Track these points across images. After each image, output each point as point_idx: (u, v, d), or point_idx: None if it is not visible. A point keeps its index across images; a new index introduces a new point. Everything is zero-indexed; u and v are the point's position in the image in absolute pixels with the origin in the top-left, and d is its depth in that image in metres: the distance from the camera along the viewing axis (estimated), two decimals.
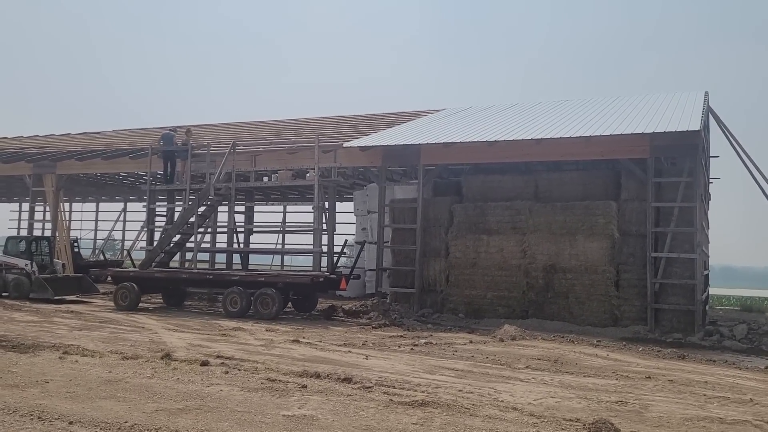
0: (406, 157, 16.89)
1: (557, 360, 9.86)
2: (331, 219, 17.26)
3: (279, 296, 14.70)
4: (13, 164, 23.18)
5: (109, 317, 14.39)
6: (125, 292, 16.24)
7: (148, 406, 6.44)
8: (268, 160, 18.73)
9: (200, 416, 6.13)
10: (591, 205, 14.50)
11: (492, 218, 15.51)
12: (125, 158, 21.13)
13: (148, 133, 26.78)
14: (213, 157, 17.88)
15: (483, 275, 15.25)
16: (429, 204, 16.51)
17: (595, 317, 13.97)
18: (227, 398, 6.86)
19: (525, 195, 15.59)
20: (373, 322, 14.11)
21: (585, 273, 14.24)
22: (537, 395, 7.39)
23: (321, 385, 7.61)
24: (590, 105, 19.61)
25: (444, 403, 6.80)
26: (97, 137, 28.93)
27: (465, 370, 8.92)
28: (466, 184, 16.55)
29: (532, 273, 14.75)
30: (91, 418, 5.96)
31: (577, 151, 14.80)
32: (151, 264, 17.41)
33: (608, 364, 9.81)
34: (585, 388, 7.92)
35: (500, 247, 15.18)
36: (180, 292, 17.43)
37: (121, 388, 7.20)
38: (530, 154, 15.21)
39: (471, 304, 15.29)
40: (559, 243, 14.57)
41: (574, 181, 15.38)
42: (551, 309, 14.45)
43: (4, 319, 13.44)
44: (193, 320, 14.15)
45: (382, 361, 9.43)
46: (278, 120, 27.68)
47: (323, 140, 17.76)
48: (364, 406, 6.65)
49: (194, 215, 17.22)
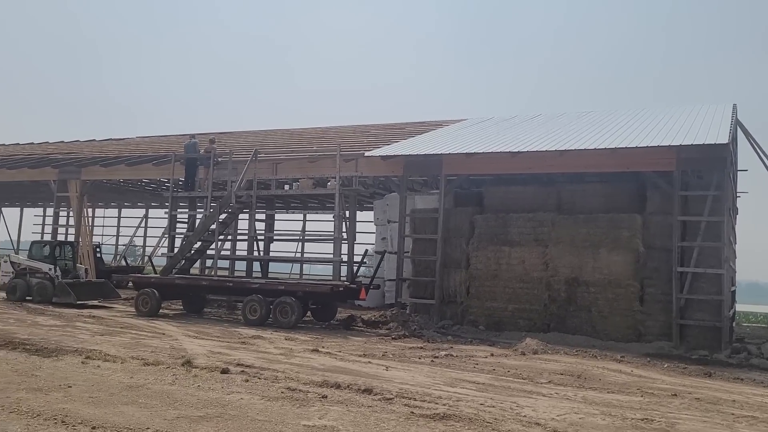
0: (428, 166, 16.84)
1: (580, 375, 9.70)
2: (352, 228, 17.22)
3: (298, 305, 14.67)
4: (39, 170, 23.54)
5: (131, 323, 14.49)
6: (146, 298, 16.34)
7: (169, 413, 6.44)
8: (290, 169, 18.79)
9: (221, 424, 6.11)
10: (615, 218, 14.30)
11: (514, 230, 15.36)
12: (148, 165, 21.35)
13: (170, 141, 27.07)
14: (235, 164, 17.99)
15: (504, 287, 15.10)
16: (450, 214, 16.42)
17: (618, 332, 13.74)
18: (248, 407, 6.83)
19: (547, 206, 15.44)
20: (393, 333, 14.02)
21: (608, 287, 14.03)
22: (560, 411, 7.26)
23: (341, 395, 7.56)
24: (615, 116, 19.41)
25: (466, 417, 6.71)
26: (121, 143, 29.31)
27: (486, 383, 8.81)
28: (488, 195, 16.43)
29: (554, 286, 14.57)
30: (114, 423, 5.97)
31: (601, 163, 14.62)
32: (171, 270, 17.52)
33: (633, 380, 9.63)
34: (609, 404, 7.77)
35: (522, 259, 15.03)
36: (200, 299, 17.50)
37: (143, 394, 7.22)
38: (553, 165, 15.07)
39: (492, 316, 15.13)
40: (582, 256, 14.38)
41: (598, 193, 15.19)
42: (573, 323, 14.25)
43: (27, 323, 13.58)
44: (213, 327, 14.18)
45: (402, 373, 9.36)
46: (300, 128, 27.81)
47: (344, 149, 17.79)
48: (385, 418, 6.58)
49: (215, 222, 17.31)
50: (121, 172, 22.14)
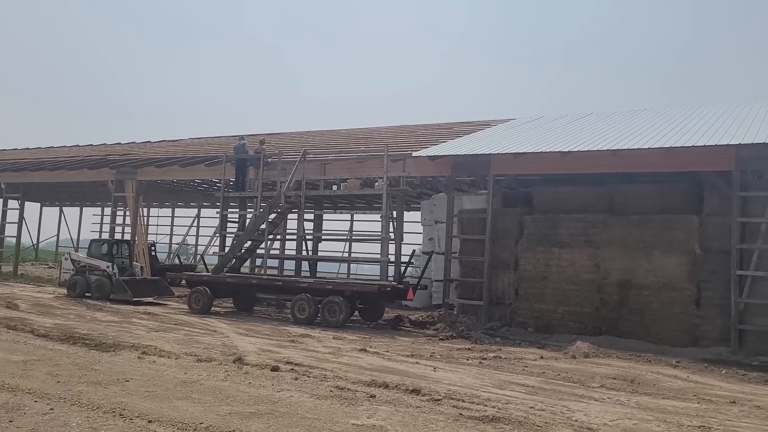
0: (476, 167, 16.71)
1: (634, 380, 9.47)
2: (399, 228, 17.23)
3: (346, 304, 14.79)
4: (97, 170, 24.37)
5: (184, 320, 14.86)
6: (198, 296, 16.75)
7: (221, 409, 6.58)
8: (338, 169, 18.93)
9: (272, 421, 6.22)
10: (670, 219, 13.89)
11: (564, 231, 15.09)
12: (200, 165, 21.83)
13: (221, 141, 27.64)
14: (284, 165, 18.25)
15: (554, 289, 14.85)
16: (498, 215, 16.26)
17: (673, 336, 13.34)
18: (297, 404, 6.93)
19: (598, 207, 15.11)
20: (440, 334, 13.98)
21: (663, 290, 13.63)
22: (613, 416, 7.11)
23: (389, 395, 7.59)
24: (669, 115, 18.87)
25: (515, 420, 6.64)
26: (174, 144, 30.08)
27: (536, 386, 8.70)
28: (537, 196, 16.20)
29: (606, 288, 14.25)
30: (169, 417, 6.14)
31: (655, 163, 14.23)
32: (223, 269, 17.89)
33: (689, 386, 9.34)
34: (664, 410, 7.56)
35: (572, 261, 14.75)
36: (250, 298, 17.81)
37: (196, 390, 7.40)
38: (605, 165, 14.73)
39: (541, 318, 14.91)
40: (635, 258, 14.03)
41: (652, 193, 14.78)
42: (626, 326, 13.90)
43: (87, 319, 14.10)
44: (263, 325, 14.42)
45: (450, 374, 9.32)
46: (347, 129, 27.99)
47: (392, 149, 17.81)
48: (434, 419, 6.57)
49: (265, 222, 17.59)
50: (174, 173, 22.70)
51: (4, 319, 12.74)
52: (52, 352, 9.51)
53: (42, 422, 5.84)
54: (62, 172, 25.16)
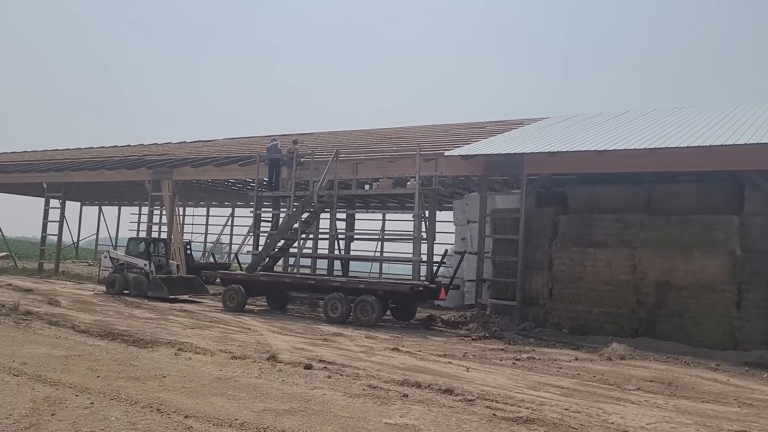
0: (509, 166, 16.57)
1: (671, 383, 9.28)
2: (431, 228, 17.18)
3: (378, 304, 14.82)
4: (136, 170, 24.88)
5: (218, 317, 15.08)
6: (233, 294, 16.97)
7: (256, 405, 6.66)
8: (370, 169, 18.97)
9: (305, 418, 6.26)
10: (710, 219, 13.57)
11: (599, 230, 14.85)
12: (234, 165, 22.11)
13: (254, 141, 27.96)
14: (316, 165, 18.35)
15: (589, 290, 14.63)
16: (532, 215, 16.09)
17: (712, 339, 13.03)
18: (330, 402, 6.97)
19: (635, 207, 14.84)
20: (473, 334, 13.91)
21: (702, 291, 13.32)
22: (650, 419, 6.98)
23: (422, 395, 7.58)
24: (708, 113, 18.43)
25: (550, 422, 6.56)
26: (209, 144, 30.54)
27: (571, 388, 8.59)
28: (572, 195, 15.98)
29: (643, 289, 13.98)
30: (205, 413, 6.23)
31: (694, 161, 13.90)
32: (256, 268, 18.09)
33: (729, 389, 9.12)
34: (703, 414, 7.40)
35: (608, 261, 14.51)
36: (283, 296, 17.97)
37: (231, 387, 7.50)
38: (642, 164, 14.46)
39: (575, 319, 14.71)
40: (674, 258, 13.74)
41: (691, 193, 14.46)
42: (663, 328, 13.62)
43: (125, 315, 14.40)
44: (296, 324, 14.54)
45: (483, 374, 9.27)
46: (379, 128, 28.04)
47: (424, 149, 17.78)
48: (467, 419, 6.54)
49: (298, 221, 17.73)
50: (209, 173, 23.04)
51: (46, 315, 13.10)
52: (92, 348, 9.74)
53: (82, 416, 5.98)
54: (102, 172, 25.76)
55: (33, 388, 6.94)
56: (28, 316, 12.78)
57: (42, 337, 10.50)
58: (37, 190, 29.35)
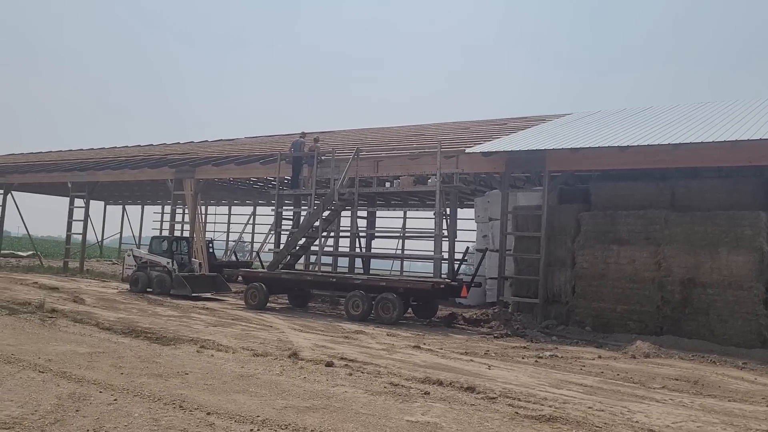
0: (531, 163, 16.42)
1: (697, 381, 9.12)
2: (452, 225, 17.09)
3: (399, 301, 14.79)
4: (158, 169, 25.14)
5: (240, 315, 15.17)
6: (254, 291, 17.07)
7: (277, 402, 6.68)
8: (390, 166, 18.93)
9: (326, 416, 6.26)
10: (736, 215, 13.32)
11: (623, 227, 14.67)
12: (256, 164, 22.24)
13: (276, 140, 28.10)
14: (337, 163, 18.37)
15: (612, 287, 14.46)
16: (554, 211, 15.94)
17: (739, 337, 12.79)
18: (352, 399, 6.96)
19: (659, 203, 14.63)
20: (495, 332, 13.82)
21: (728, 289, 13.09)
22: (675, 418, 6.86)
23: (443, 392, 7.53)
24: (733, 107, 18.09)
25: (573, 420, 6.49)
26: (230, 143, 30.74)
27: (594, 386, 8.48)
28: (595, 192, 15.80)
29: (668, 287, 13.77)
30: (227, 410, 6.26)
31: (719, 157, 13.66)
32: (278, 266, 18.16)
33: (756, 388, 8.93)
34: (730, 413, 7.25)
35: (632, 258, 14.32)
36: (304, 294, 18.02)
37: (253, 384, 7.53)
38: (666, 160, 14.24)
39: (599, 317, 14.54)
40: (699, 255, 13.50)
41: (716, 189, 14.21)
42: (689, 326, 13.41)
43: (149, 313, 14.56)
44: (317, 321, 14.58)
45: (505, 372, 9.19)
46: (400, 126, 27.99)
47: (445, 146, 17.70)
48: (489, 417, 6.49)
49: (319, 219, 17.77)
50: (231, 171, 23.20)
51: (71, 313, 13.29)
52: (115, 345, 9.85)
53: (106, 412, 6.05)
54: (125, 171, 26.08)
55: (58, 384, 7.04)
56: (54, 314, 12.97)
57: (67, 335, 10.66)
58: (61, 189, 29.82)
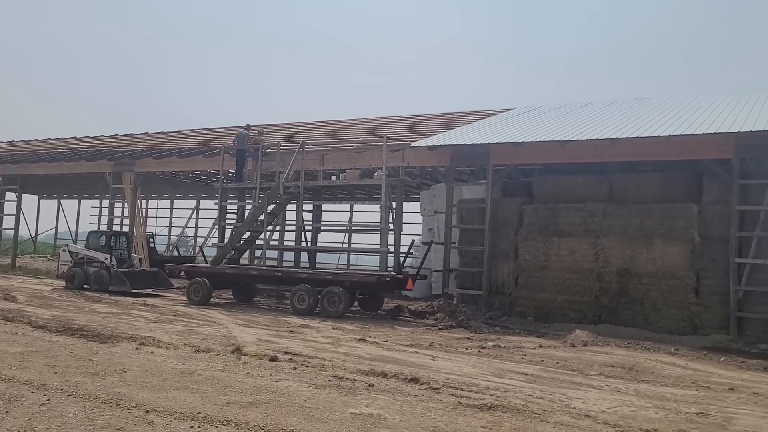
0: (475, 156, 16.65)
1: (632, 368, 9.47)
2: (398, 219, 17.18)
3: (346, 295, 14.78)
4: (96, 162, 24.29)
5: (182, 311, 14.86)
6: (197, 287, 16.74)
7: (219, 399, 6.57)
8: (337, 159, 18.88)
9: (270, 410, 6.20)
10: (670, 208, 13.86)
11: (563, 220, 15.06)
12: (199, 157, 21.77)
13: (220, 132, 27.56)
14: (283, 156, 18.19)
15: (553, 278, 14.83)
16: (498, 205, 16.22)
17: (672, 325, 13.34)
18: (296, 394, 6.92)
19: (599, 196, 15.07)
20: (440, 324, 13.99)
21: (662, 278, 13.62)
22: (611, 403, 7.10)
23: (388, 384, 7.58)
24: (669, 104, 18.79)
25: (514, 408, 6.63)
26: (173, 136, 30.00)
27: (535, 374, 8.69)
28: (537, 185, 16.15)
29: (606, 277, 14.23)
30: (166, 407, 6.12)
31: (655, 152, 14.17)
32: (222, 260, 17.87)
33: (687, 373, 9.34)
34: (662, 398, 7.56)
35: (572, 250, 14.72)
36: (249, 289, 17.80)
37: (194, 380, 7.39)
38: (605, 154, 14.67)
39: (540, 307, 14.90)
40: (635, 246, 14.00)
41: (652, 182, 14.73)
42: (625, 315, 13.90)
43: (85, 310, 14.09)
44: (262, 316, 14.42)
45: (449, 363, 9.31)
46: (346, 119, 27.90)
47: (391, 139, 17.74)
48: (432, 408, 6.56)
49: (264, 213, 17.56)
50: (173, 164, 22.64)
51: (1, 311, 12.72)
52: (49, 344, 9.49)
53: (39, 412, 5.82)
54: (61, 164, 25.11)
55: None
56: None
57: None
58: None
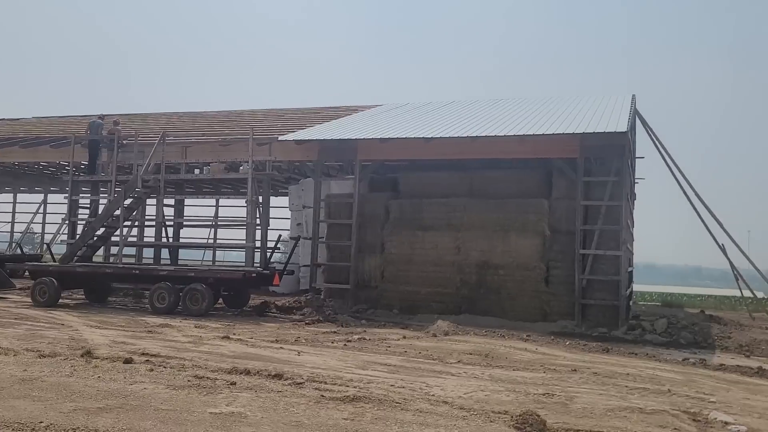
0: (343, 152, 16.77)
1: (488, 354, 9.99)
2: (265, 213, 16.89)
3: (209, 292, 14.31)
4: None
5: (26, 314, 13.66)
6: (44, 287, 15.45)
7: (65, 406, 6.11)
8: (200, 152, 18.21)
9: (121, 415, 5.86)
10: (523, 203, 14.80)
11: (428, 215, 15.59)
12: (46, 147, 20.14)
13: (70, 121, 25.61)
14: (141, 147, 17.23)
15: (418, 271, 15.32)
16: (365, 200, 16.45)
17: (525, 313, 14.26)
18: (151, 396, 6.59)
19: (460, 192, 15.75)
20: (307, 318, 13.94)
21: (517, 269, 14.52)
22: (467, 389, 7.44)
23: (251, 381, 7.42)
24: (525, 104, 20.01)
25: (375, 398, 6.75)
26: (15, 123, 27.47)
27: (397, 365, 8.91)
28: (403, 181, 16.58)
29: (466, 269, 14.92)
30: (3, 418, 5.60)
31: (511, 150, 15.05)
32: (72, 258, 16.66)
33: (537, 357, 10.01)
34: (514, 381, 8.04)
35: (435, 244, 15.29)
36: (104, 288, 16.72)
37: (37, 387, 6.81)
38: (466, 151, 15.36)
39: (406, 300, 15.33)
40: (493, 239, 14.80)
41: (509, 179, 15.63)
42: (484, 305, 14.66)
43: None
44: (118, 317, 13.61)
45: (314, 357, 9.31)
46: (211, 111, 26.99)
47: (258, 133, 17.42)
48: (295, 403, 6.52)
49: (120, 208, 16.55)
50: (15, 155, 20.75)
51: None
52: None
53: None
54: None
55: None
56: None
57: None
58: None
